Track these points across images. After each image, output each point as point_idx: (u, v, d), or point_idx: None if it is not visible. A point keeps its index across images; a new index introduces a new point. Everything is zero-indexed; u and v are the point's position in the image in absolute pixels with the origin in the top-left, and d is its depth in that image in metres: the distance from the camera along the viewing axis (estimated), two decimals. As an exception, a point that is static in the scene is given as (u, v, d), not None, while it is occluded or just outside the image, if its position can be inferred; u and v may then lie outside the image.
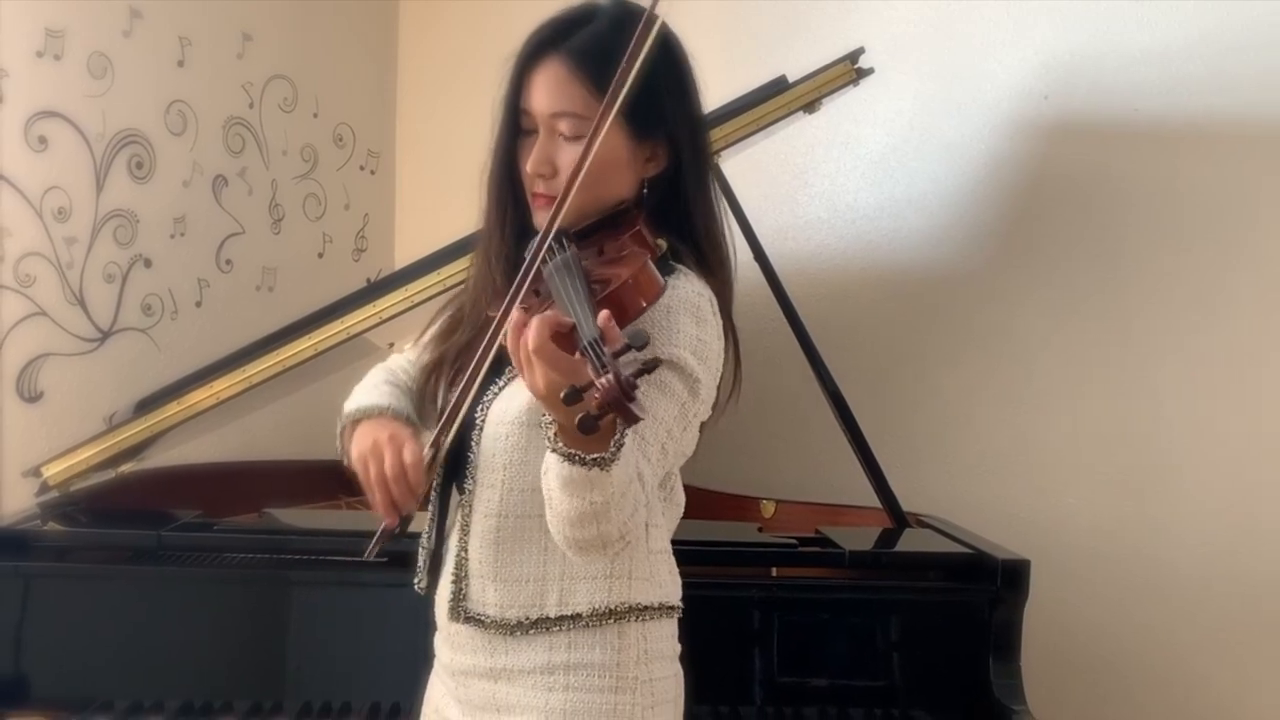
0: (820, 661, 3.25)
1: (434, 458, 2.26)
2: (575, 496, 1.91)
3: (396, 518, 2.24)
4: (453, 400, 2.23)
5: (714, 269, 2.37)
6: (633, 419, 1.70)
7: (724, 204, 2.43)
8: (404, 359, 2.62)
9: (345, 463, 2.35)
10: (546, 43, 2.25)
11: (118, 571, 3.25)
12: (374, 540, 2.25)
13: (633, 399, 1.69)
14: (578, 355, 1.76)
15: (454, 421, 2.23)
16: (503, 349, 2.09)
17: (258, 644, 3.22)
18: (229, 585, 3.25)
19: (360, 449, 2.27)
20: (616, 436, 1.83)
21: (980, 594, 3.25)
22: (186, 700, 3.13)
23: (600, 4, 2.30)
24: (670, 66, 2.30)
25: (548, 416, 1.89)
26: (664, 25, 2.15)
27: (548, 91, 2.23)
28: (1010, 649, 3.24)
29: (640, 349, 1.73)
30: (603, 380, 1.68)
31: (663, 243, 2.20)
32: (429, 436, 2.27)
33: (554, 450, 1.88)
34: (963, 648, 3.26)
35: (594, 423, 1.71)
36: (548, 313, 1.82)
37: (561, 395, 1.72)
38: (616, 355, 1.72)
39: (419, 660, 2.53)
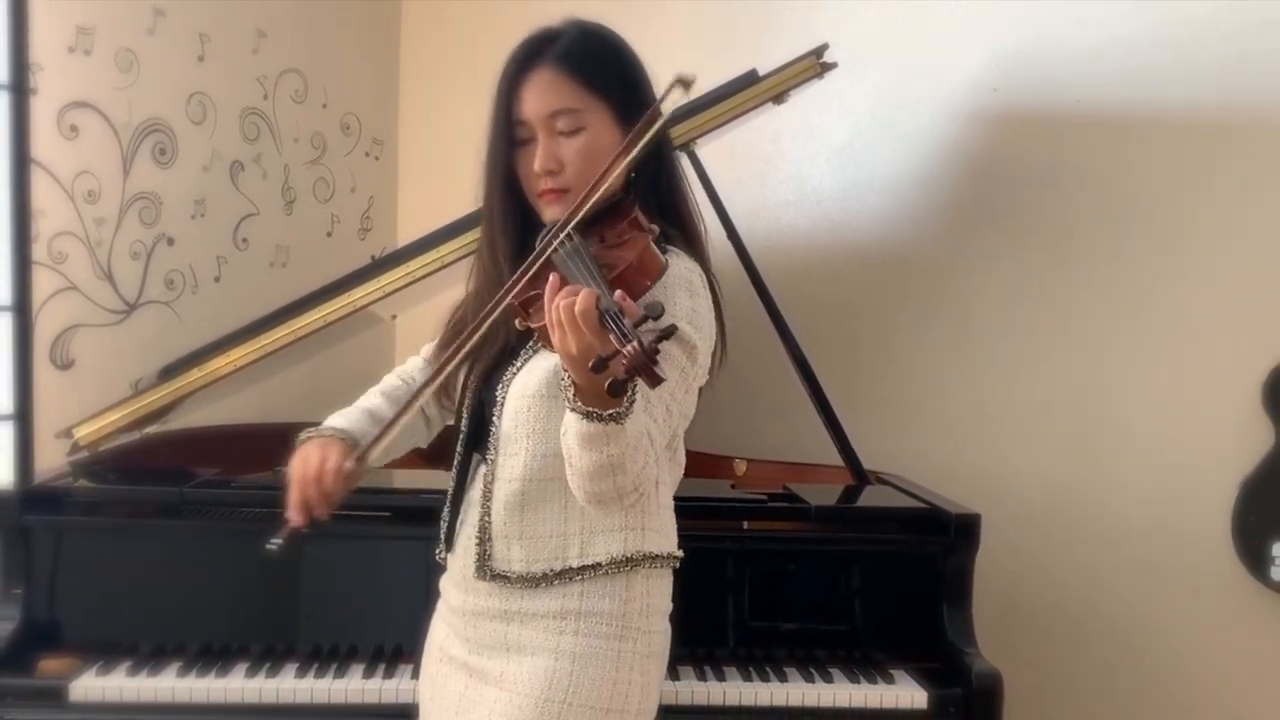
0: (788, 607, 3.27)
1: (357, 468, 2.32)
2: (594, 450, 1.96)
3: (305, 519, 2.31)
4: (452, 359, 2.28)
5: (698, 246, 2.43)
6: (657, 381, 1.78)
7: (699, 186, 2.46)
8: (420, 360, 2.68)
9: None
10: (527, 59, 2.34)
11: (143, 525, 3.25)
12: (279, 535, 2.31)
13: (656, 363, 1.76)
14: (605, 331, 1.80)
15: (389, 433, 2.33)
16: (513, 332, 2.26)
17: (271, 592, 3.23)
18: (245, 538, 3.18)
19: (298, 455, 2.39)
20: (629, 394, 1.90)
21: (935, 545, 3.26)
22: (205, 643, 3.14)
23: (558, 26, 2.38)
24: (640, 65, 2.41)
25: (567, 379, 1.94)
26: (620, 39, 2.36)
27: (541, 95, 2.31)
28: (962, 596, 3.25)
29: (657, 319, 1.81)
30: (629, 348, 1.75)
31: (656, 227, 2.22)
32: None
33: (573, 409, 1.93)
34: (918, 595, 3.26)
35: (622, 386, 1.80)
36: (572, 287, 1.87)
37: (590, 364, 1.79)
38: (637, 325, 1.78)
39: (419, 606, 2.55)
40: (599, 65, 2.28)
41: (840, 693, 3.06)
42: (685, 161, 3.67)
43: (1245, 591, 3.88)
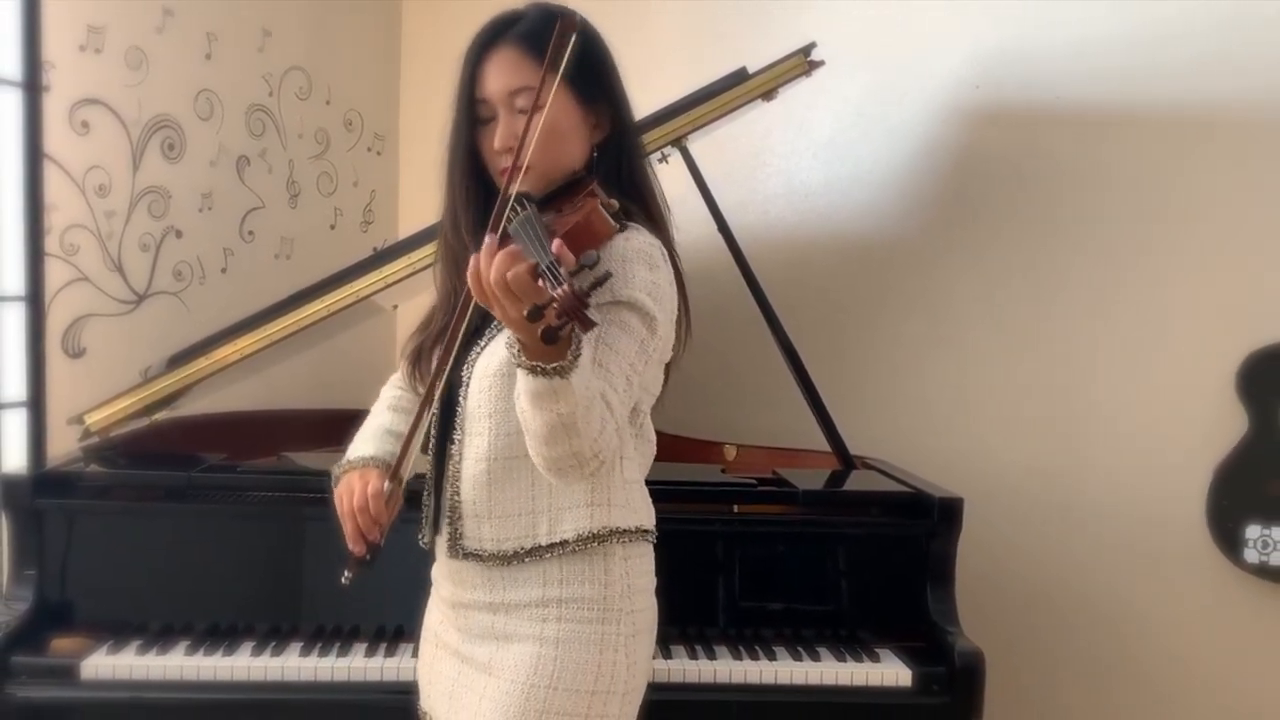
0: (777, 588, 3.27)
1: (396, 487, 2.33)
2: (544, 410, 1.94)
3: (364, 547, 2.32)
4: (441, 350, 2.29)
5: (660, 224, 2.39)
6: (589, 324, 1.76)
7: (691, 180, 2.45)
8: (408, 365, 2.62)
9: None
10: (489, 39, 2.33)
11: (152, 509, 3.25)
12: (346, 567, 2.33)
13: (586, 305, 1.74)
14: (539, 283, 1.78)
15: (411, 444, 2.32)
16: (482, 314, 2.24)
17: (276, 573, 3.23)
18: (251, 521, 3.25)
19: (338, 491, 2.41)
20: (573, 347, 1.87)
21: (919, 528, 3.27)
22: (212, 623, 3.14)
23: (521, 9, 2.37)
24: (601, 47, 2.37)
25: (512, 338, 1.93)
26: (585, 20, 2.25)
27: (502, 73, 2.30)
28: (945, 577, 3.25)
29: (592, 267, 1.79)
30: (559, 291, 1.73)
31: (615, 202, 2.18)
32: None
33: (519, 365, 1.91)
34: (903, 576, 3.27)
35: (555, 333, 1.77)
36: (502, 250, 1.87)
37: (525, 313, 1.77)
38: (572, 274, 1.76)
39: (419, 588, 2.53)
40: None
41: (827, 671, 3.06)
42: (677, 156, 3.68)
43: (1219, 573, 3.89)
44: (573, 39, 2.16)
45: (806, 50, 3.87)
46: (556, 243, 1.83)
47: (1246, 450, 3.78)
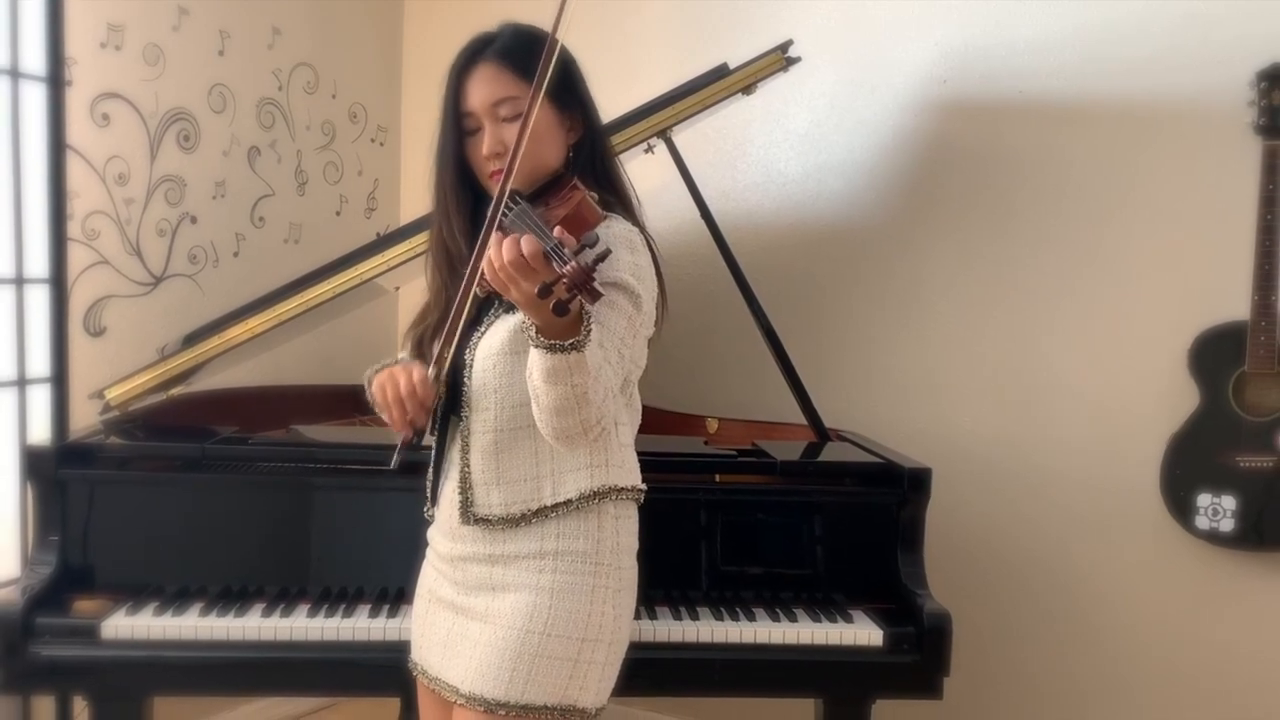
0: (756, 553, 3.27)
1: (438, 375, 2.33)
2: (559, 384, 2.04)
3: (411, 430, 2.32)
4: (443, 338, 2.33)
5: (633, 212, 2.50)
6: (596, 295, 1.88)
7: (676, 170, 2.48)
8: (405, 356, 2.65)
9: (370, 403, 2.43)
10: (471, 57, 2.45)
11: (168, 478, 3.24)
12: (395, 451, 2.32)
13: (593, 279, 1.86)
14: (549, 264, 1.89)
15: (450, 344, 2.32)
16: (476, 302, 2.32)
17: (285, 539, 3.22)
18: (261, 490, 3.25)
19: (379, 381, 2.38)
20: (585, 324, 1.99)
21: (890, 497, 3.27)
22: (225, 586, 3.14)
23: (495, 30, 2.48)
24: (572, 61, 2.48)
25: (528, 321, 2.01)
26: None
27: (485, 87, 2.41)
28: (915, 543, 3.26)
29: (593, 246, 1.87)
30: (568, 268, 1.85)
31: (594, 195, 2.29)
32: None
33: (536, 346, 2.01)
34: (875, 542, 3.27)
35: (565, 306, 1.88)
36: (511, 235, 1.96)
37: (536, 291, 1.88)
38: (576, 253, 1.87)
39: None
40: (533, 57, 2.28)
41: (804, 631, 3.07)
42: (662, 147, 3.67)
43: (1171, 538, 3.88)
44: (555, 58, 2.25)
45: (784, 47, 3.87)
46: (558, 229, 1.93)
47: (1198, 423, 3.78)
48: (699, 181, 3.69)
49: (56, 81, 3.78)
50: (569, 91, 2.46)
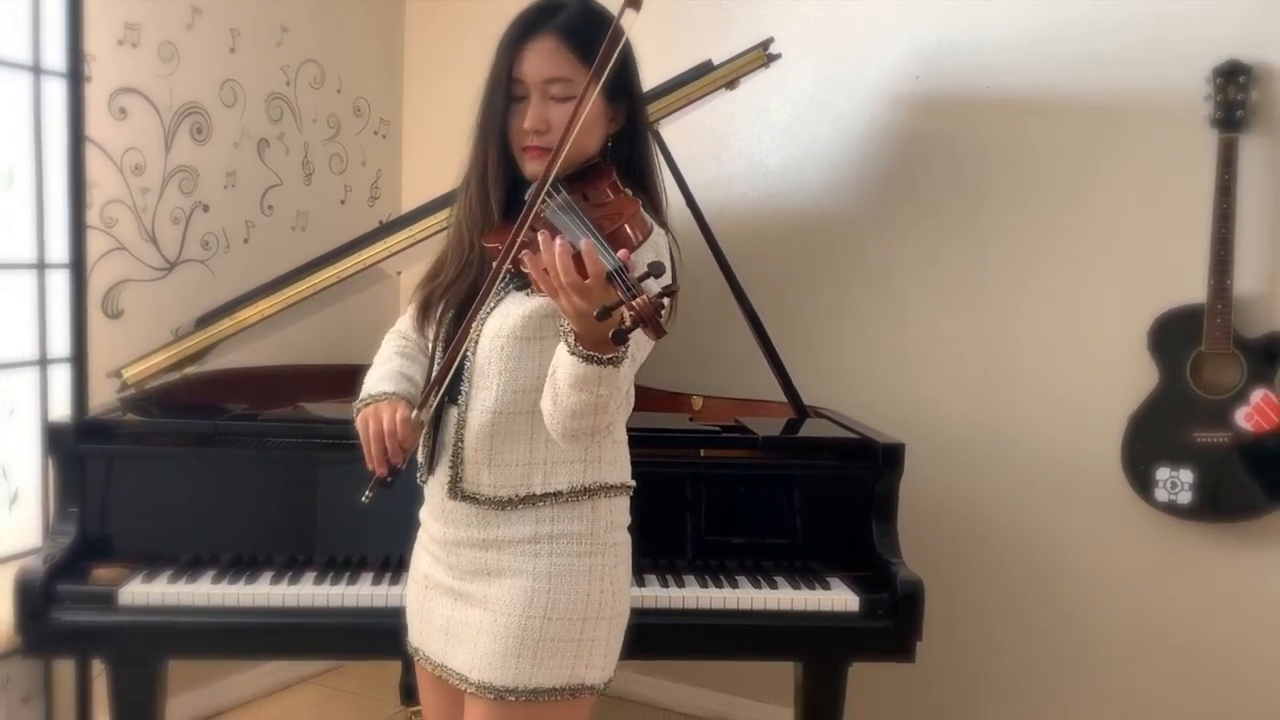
0: (739, 524, 3.28)
1: (420, 419, 2.27)
2: (585, 391, 1.94)
3: (386, 469, 2.27)
4: (433, 379, 2.27)
5: (661, 211, 2.38)
6: (661, 332, 1.77)
7: (663, 161, 2.43)
8: (407, 320, 2.55)
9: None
10: (534, 23, 2.24)
11: (182, 453, 3.24)
12: (368, 488, 2.28)
13: (660, 315, 1.75)
14: (611, 287, 1.78)
15: (439, 389, 2.26)
16: (485, 270, 2.22)
17: (293, 510, 3.24)
18: (270, 464, 3.26)
19: (363, 415, 2.33)
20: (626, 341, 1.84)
21: (865, 470, 3.27)
22: (236, 555, 3.15)
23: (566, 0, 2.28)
24: (630, 52, 2.28)
25: (568, 325, 1.90)
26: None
27: (541, 60, 2.22)
28: (889, 514, 3.27)
29: (658, 276, 1.76)
30: (638, 301, 1.72)
31: (628, 191, 2.20)
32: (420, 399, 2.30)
33: (573, 353, 1.90)
34: (851, 513, 3.28)
35: (625, 335, 1.75)
36: (584, 244, 1.82)
37: (595, 313, 1.76)
38: (641, 278, 1.75)
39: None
40: (596, 42, 2.11)
41: (784, 597, 3.08)
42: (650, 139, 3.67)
43: (1132, 511, 3.89)
44: (618, 49, 2.11)
45: (765, 44, 3.88)
46: (623, 252, 1.82)
47: (1157, 401, 3.79)
48: (685, 172, 3.68)
49: (76, 77, 3.77)
50: (622, 85, 2.28)
